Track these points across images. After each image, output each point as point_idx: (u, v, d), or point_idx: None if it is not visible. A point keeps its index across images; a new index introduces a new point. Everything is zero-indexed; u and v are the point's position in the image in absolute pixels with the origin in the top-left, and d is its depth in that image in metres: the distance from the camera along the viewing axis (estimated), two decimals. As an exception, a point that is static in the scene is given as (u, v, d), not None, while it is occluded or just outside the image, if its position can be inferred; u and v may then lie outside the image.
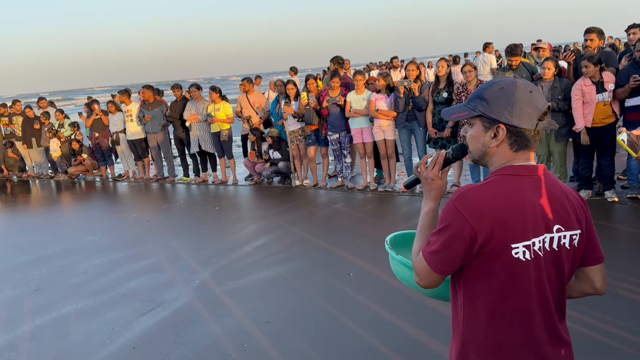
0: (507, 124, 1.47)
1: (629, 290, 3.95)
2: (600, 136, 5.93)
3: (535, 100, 1.47)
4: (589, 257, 1.58)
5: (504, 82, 1.50)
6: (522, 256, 1.43)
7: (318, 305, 4.27)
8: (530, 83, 1.51)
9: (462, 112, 1.57)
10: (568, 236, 1.49)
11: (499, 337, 1.49)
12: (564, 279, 1.52)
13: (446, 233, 1.45)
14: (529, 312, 1.48)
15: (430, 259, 1.48)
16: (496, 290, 1.47)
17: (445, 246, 1.45)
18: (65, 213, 8.77)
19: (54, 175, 11.90)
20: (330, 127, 7.80)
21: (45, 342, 4.13)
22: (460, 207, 1.44)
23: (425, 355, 3.37)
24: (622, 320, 3.53)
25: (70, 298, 4.94)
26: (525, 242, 1.43)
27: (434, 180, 1.63)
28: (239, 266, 5.27)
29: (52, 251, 6.46)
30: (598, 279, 1.61)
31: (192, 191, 9.12)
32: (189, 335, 3.98)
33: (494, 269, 1.45)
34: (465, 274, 1.51)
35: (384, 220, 6.32)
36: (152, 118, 9.64)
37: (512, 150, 1.50)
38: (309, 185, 8.29)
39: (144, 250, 6.12)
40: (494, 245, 1.42)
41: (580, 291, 1.65)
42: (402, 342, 3.57)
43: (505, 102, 1.47)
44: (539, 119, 1.47)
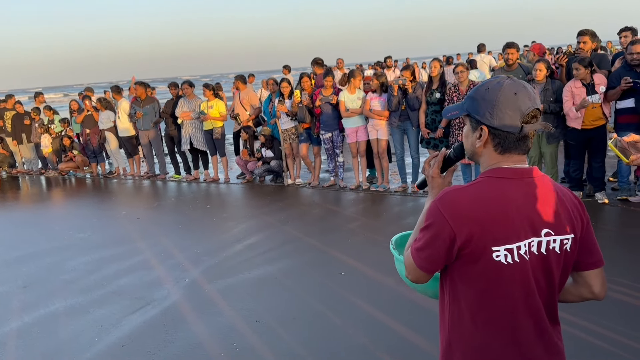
0: (488, 126, 1.47)
1: (620, 292, 3.97)
2: (591, 138, 5.96)
3: (520, 102, 1.44)
4: (586, 261, 1.56)
5: (492, 83, 1.49)
6: (503, 259, 1.42)
7: (309, 304, 4.26)
8: (522, 85, 1.48)
9: (455, 111, 1.59)
10: (558, 240, 1.47)
11: (484, 339, 1.49)
12: (554, 283, 1.51)
13: (429, 232, 1.47)
14: (514, 315, 1.47)
15: (415, 255, 1.50)
16: (478, 292, 1.47)
17: (428, 244, 1.47)
18: (55, 210, 8.69)
19: (44, 172, 11.80)
20: (322, 126, 7.79)
21: (33, 340, 4.09)
22: (442, 208, 1.44)
23: (417, 354, 3.37)
24: (613, 323, 3.55)
25: (59, 295, 4.89)
26: (507, 246, 1.42)
27: (434, 178, 1.67)
28: (230, 265, 5.25)
29: (41, 248, 6.40)
30: (596, 283, 1.58)
31: (183, 189, 9.08)
32: (178, 334, 3.96)
33: (475, 271, 1.45)
34: (449, 274, 1.52)
35: (376, 220, 6.31)
36: (143, 115, 9.58)
37: (497, 152, 1.49)
38: (301, 184, 8.27)
39: (134, 247, 6.07)
40: (473, 248, 1.42)
41: (578, 295, 1.63)
42: (393, 342, 3.57)
43: (488, 103, 1.47)
44: (524, 122, 1.45)
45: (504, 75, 1.52)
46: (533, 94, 1.48)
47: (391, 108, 7.16)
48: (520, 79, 1.51)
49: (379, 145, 7.43)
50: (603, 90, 5.79)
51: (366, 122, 7.45)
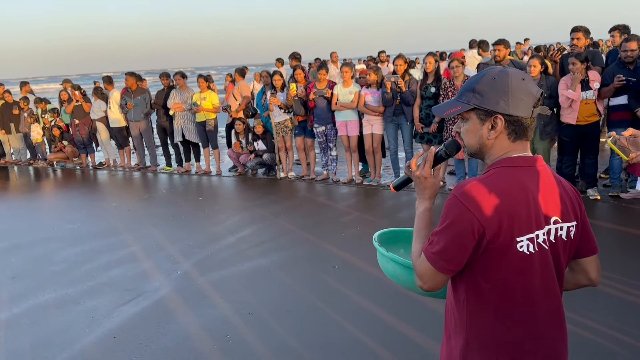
0: (504, 114, 1.44)
1: (612, 287, 3.99)
2: (585, 134, 5.98)
3: (529, 86, 1.44)
4: (583, 249, 1.57)
5: (495, 72, 1.45)
6: (526, 249, 1.40)
7: (302, 297, 4.24)
8: (521, 70, 1.48)
9: (454, 108, 1.51)
10: (565, 228, 1.47)
11: (505, 334, 1.46)
12: (561, 271, 1.51)
13: (452, 230, 1.40)
14: (534, 307, 1.45)
15: (435, 259, 1.42)
16: (504, 286, 1.43)
17: (452, 244, 1.40)
18: (44, 201, 8.59)
19: (32, 162, 11.66)
20: (316, 120, 7.75)
21: (22, 330, 4.03)
22: (466, 202, 1.39)
23: (410, 346, 3.36)
24: (605, 318, 3.56)
25: (49, 286, 4.83)
26: (529, 235, 1.40)
27: (427, 178, 1.59)
28: (223, 257, 5.21)
29: (30, 239, 6.32)
30: (593, 270, 1.61)
31: (174, 181, 9.01)
32: (170, 326, 3.92)
33: (501, 265, 1.41)
34: (469, 270, 1.46)
35: (368, 214, 6.30)
36: (134, 106, 9.48)
37: (510, 140, 1.46)
38: (294, 177, 8.24)
39: (125, 239, 6.01)
40: (502, 240, 1.38)
41: (575, 283, 1.64)
42: (386, 334, 3.56)
43: (500, 92, 1.43)
44: (534, 106, 1.44)
45: (499, 66, 1.50)
46: (532, 79, 1.49)
47: (385, 104, 7.14)
48: None
49: (373, 139, 7.41)
50: (597, 86, 5.81)
51: (358, 117, 7.43)
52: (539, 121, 6.13)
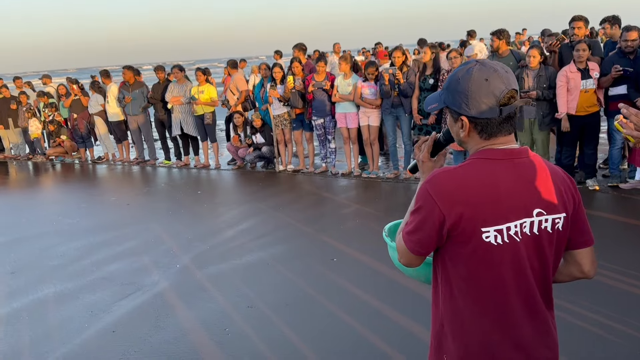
0: (467, 116, 1.46)
1: (610, 277, 3.98)
2: (584, 125, 5.95)
3: (493, 87, 1.42)
4: (576, 240, 1.57)
5: (461, 72, 1.47)
6: (493, 240, 1.42)
7: (301, 290, 4.24)
8: (493, 68, 1.43)
9: (434, 104, 1.59)
10: (550, 220, 1.47)
11: (473, 319, 1.48)
12: (547, 263, 1.50)
13: (419, 215, 1.46)
14: (503, 296, 1.47)
15: (407, 239, 1.50)
16: (468, 273, 1.47)
17: (418, 227, 1.46)
18: (43, 195, 8.59)
19: (31, 157, 11.64)
20: (315, 112, 7.73)
21: (22, 325, 4.04)
22: (431, 190, 1.44)
23: (409, 339, 3.36)
24: (603, 308, 3.56)
25: (48, 281, 4.84)
26: (497, 227, 1.41)
27: (425, 162, 1.68)
28: (221, 250, 5.21)
29: (29, 233, 6.32)
30: (586, 262, 1.59)
31: (173, 175, 9.00)
32: (169, 320, 3.92)
33: (465, 252, 1.44)
34: (441, 257, 1.52)
35: (367, 207, 6.29)
36: (132, 99, 9.45)
37: (482, 138, 1.48)
38: (293, 170, 8.22)
39: (124, 233, 6.01)
40: (463, 229, 1.41)
41: (568, 275, 1.64)
42: (385, 326, 3.56)
43: (462, 94, 1.45)
44: (502, 105, 1.43)
45: (474, 61, 1.48)
46: (505, 74, 1.44)
47: (383, 96, 7.11)
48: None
49: (370, 131, 7.39)
50: (597, 76, 5.78)
51: (357, 110, 7.40)
52: (537, 111, 6.11)
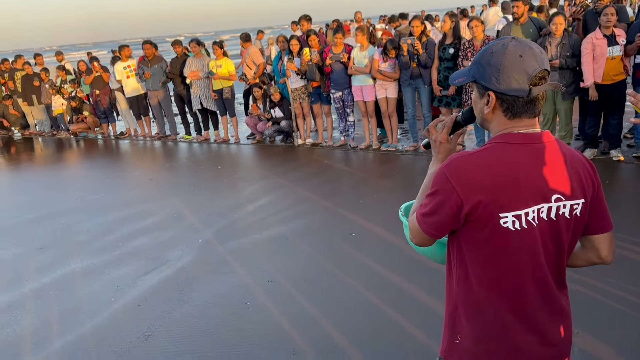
0: (495, 91, 1.44)
1: (633, 251, 3.94)
2: (610, 94, 5.81)
3: (526, 64, 1.40)
4: (595, 225, 1.55)
5: (496, 47, 1.44)
6: (511, 226, 1.41)
7: (320, 264, 4.29)
8: (528, 45, 1.42)
9: (461, 78, 1.55)
10: (568, 206, 1.46)
11: (488, 302, 1.49)
12: (563, 248, 1.50)
13: (435, 198, 1.46)
14: (520, 281, 1.47)
15: (422, 221, 1.50)
16: (484, 258, 1.47)
17: (435, 211, 1.46)
18: (68, 171, 8.77)
19: (55, 133, 11.85)
20: (333, 85, 7.67)
21: (50, 300, 4.19)
22: (449, 175, 1.43)
23: (427, 313, 3.40)
24: (625, 282, 3.53)
25: (75, 256, 4.98)
26: (515, 212, 1.41)
27: (442, 143, 1.65)
28: (242, 225, 5.29)
29: (55, 210, 6.48)
30: (604, 247, 1.58)
31: (194, 150, 9.08)
32: (192, 294, 4.03)
33: (482, 237, 1.44)
34: (456, 240, 1.52)
35: (386, 180, 6.29)
36: (152, 75, 9.49)
37: (506, 117, 1.46)
38: (311, 144, 8.23)
39: (147, 209, 6.13)
40: (480, 215, 1.41)
41: (585, 260, 1.63)
42: (403, 301, 3.60)
43: (493, 68, 1.42)
44: (532, 84, 1.41)
45: (509, 37, 1.46)
46: (540, 54, 1.42)
47: (402, 67, 7.01)
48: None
49: (388, 104, 7.32)
50: (624, 42, 5.61)
51: (374, 82, 7.32)
52: (561, 81, 5.97)
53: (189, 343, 3.39)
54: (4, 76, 12.14)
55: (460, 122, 1.65)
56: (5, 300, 4.25)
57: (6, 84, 12.15)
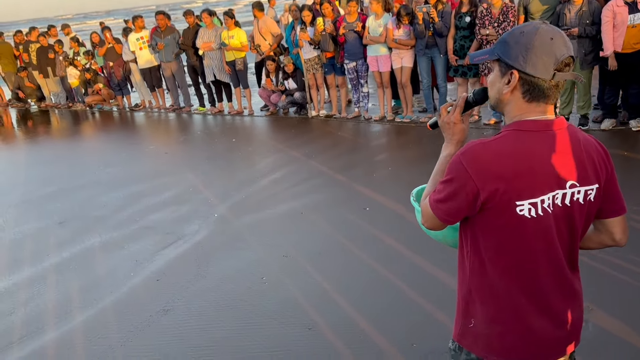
0: (520, 70, 1.42)
1: (648, 225, 3.91)
2: (630, 63, 5.66)
3: (556, 48, 1.39)
4: (608, 210, 1.57)
5: (527, 27, 1.43)
6: (527, 213, 1.42)
7: (335, 239, 4.33)
8: (558, 30, 1.42)
9: (484, 55, 1.54)
10: (582, 191, 1.47)
11: (503, 287, 1.51)
12: (576, 232, 1.52)
13: (451, 186, 1.46)
14: (534, 266, 1.49)
15: (435, 207, 1.51)
16: (499, 245, 1.48)
17: (449, 198, 1.46)
18: (84, 144, 8.87)
19: (71, 105, 11.93)
20: (347, 55, 7.58)
21: (71, 275, 4.30)
22: (466, 163, 1.42)
23: (440, 288, 3.43)
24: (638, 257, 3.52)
25: (94, 231, 5.08)
26: (531, 200, 1.41)
27: (456, 124, 1.63)
28: (257, 199, 5.33)
29: (73, 184, 6.58)
30: (618, 230, 1.60)
31: (208, 122, 9.10)
32: (209, 268, 4.10)
33: (497, 225, 1.45)
34: (470, 226, 1.53)
35: (400, 153, 6.27)
36: (165, 46, 9.45)
37: (525, 100, 1.45)
38: (325, 116, 8.19)
39: (163, 182, 6.20)
40: (497, 203, 1.42)
41: (599, 242, 1.65)
42: (417, 276, 3.64)
43: (522, 47, 1.41)
44: (557, 69, 1.40)
45: (540, 21, 1.44)
46: (569, 41, 1.43)
47: (417, 36, 6.89)
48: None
49: (403, 73, 7.23)
50: (646, 9, 5.44)
51: (389, 52, 7.21)
52: (579, 50, 5.84)
53: (207, 318, 3.47)
54: (18, 48, 12.20)
55: (471, 102, 1.63)
56: (27, 275, 4.37)
57: (21, 56, 12.22)
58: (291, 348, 3.08)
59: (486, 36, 6.38)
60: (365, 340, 3.08)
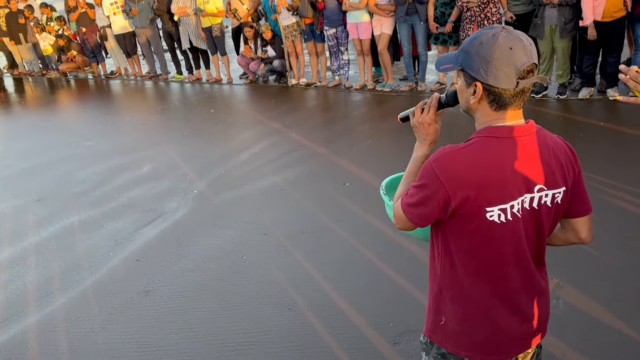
0: (483, 83, 1.42)
1: (620, 198, 3.99)
2: (609, 32, 5.66)
3: (516, 58, 1.38)
4: (575, 210, 1.61)
5: (486, 37, 1.41)
6: (497, 219, 1.45)
7: (315, 216, 4.36)
8: (518, 37, 1.40)
9: (449, 64, 1.52)
10: (550, 195, 1.50)
11: (472, 287, 1.56)
12: (543, 233, 1.56)
13: (423, 192, 1.47)
14: (503, 268, 1.53)
15: (407, 210, 1.53)
16: (469, 247, 1.51)
17: (421, 203, 1.48)
18: (60, 115, 8.69)
19: (45, 73, 11.61)
20: (326, 22, 7.45)
21: (51, 255, 4.27)
22: (438, 171, 1.44)
23: (418, 267, 3.49)
24: (613, 231, 3.60)
25: (72, 209, 5.03)
26: (501, 206, 1.44)
27: (430, 124, 1.62)
28: (237, 175, 5.31)
29: (50, 158, 6.47)
30: (583, 230, 1.64)
31: (186, 91, 8.95)
32: (190, 248, 4.11)
33: (468, 229, 1.48)
34: (442, 229, 1.55)
35: (381, 124, 6.26)
36: (139, 11, 9.18)
37: (492, 109, 1.46)
38: (305, 84, 8.09)
39: (141, 157, 6.13)
40: (467, 209, 1.44)
41: (565, 240, 1.70)
42: (394, 254, 3.69)
43: (482, 60, 1.40)
44: (520, 78, 1.40)
45: (500, 26, 1.42)
46: (529, 46, 1.41)
47: (397, 2, 6.77)
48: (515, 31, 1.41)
49: (381, 40, 7.12)
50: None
51: (370, 19, 7.09)
52: (559, 18, 5.81)
53: (188, 299, 3.50)
54: None
55: (443, 103, 1.63)
56: (7, 256, 4.34)
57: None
58: (271, 329, 3.13)
59: (467, 3, 6.30)
60: (343, 319, 3.14)
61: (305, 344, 2.99)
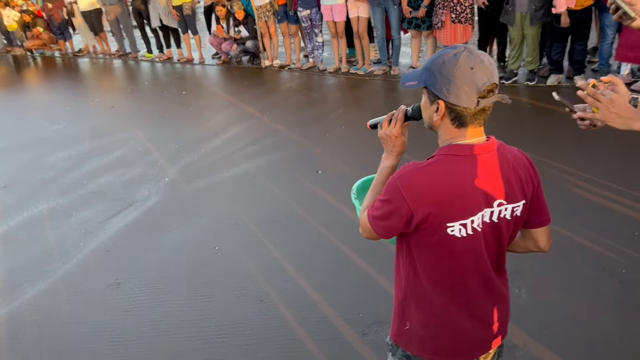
0: (445, 101, 1.46)
1: (583, 188, 4.10)
2: (578, 19, 5.74)
3: (476, 78, 1.42)
4: (534, 221, 1.67)
5: (448, 56, 1.44)
6: (457, 233, 1.51)
7: (287, 205, 4.38)
8: (480, 58, 1.43)
9: (414, 81, 1.55)
10: (509, 208, 1.55)
11: (435, 296, 1.62)
12: (503, 244, 1.62)
13: (387, 206, 1.52)
14: (464, 279, 1.60)
15: (373, 222, 1.58)
16: (431, 259, 1.58)
17: (385, 217, 1.53)
18: (27, 96, 8.45)
19: (10, 49, 11.23)
20: (300, 3, 7.37)
21: (20, 245, 4.21)
22: (401, 187, 1.48)
23: (389, 259, 3.55)
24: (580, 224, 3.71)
25: (40, 196, 4.95)
26: (461, 221, 1.49)
27: (397, 137, 1.67)
28: (208, 162, 5.28)
29: (16, 142, 6.33)
30: (542, 239, 1.72)
31: (157, 70, 8.78)
32: (161, 238, 4.10)
33: (430, 243, 1.54)
34: (406, 240, 1.61)
35: (354, 109, 6.27)
36: (107, -12, 8.92)
37: (454, 126, 1.50)
38: (279, 66, 8.02)
39: (110, 141, 6.03)
40: (429, 224, 1.49)
41: (525, 248, 1.77)
42: (363, 245, 3.71)
43: (444, 79, 1.44)
44: (481, 97, 1.44)
45: (462, 46, 1.45)
46: (490, 66, 1.45)
47: (371, -15, 6.73)
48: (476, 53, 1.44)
49: (360, 23, 7.10)
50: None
51: (345, 0, 7.04)
52: (529, 5, 5.86)
53: (159, 291, 3.51)
54: None
55: (408, 116, 1.67)
56: (-27, 246, 4.26)
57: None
58: (242, 321, 3.17)
59: (440, -12, 6.29)
60: (314, 310, 3.20)
61: (276, 336, 3.04)
